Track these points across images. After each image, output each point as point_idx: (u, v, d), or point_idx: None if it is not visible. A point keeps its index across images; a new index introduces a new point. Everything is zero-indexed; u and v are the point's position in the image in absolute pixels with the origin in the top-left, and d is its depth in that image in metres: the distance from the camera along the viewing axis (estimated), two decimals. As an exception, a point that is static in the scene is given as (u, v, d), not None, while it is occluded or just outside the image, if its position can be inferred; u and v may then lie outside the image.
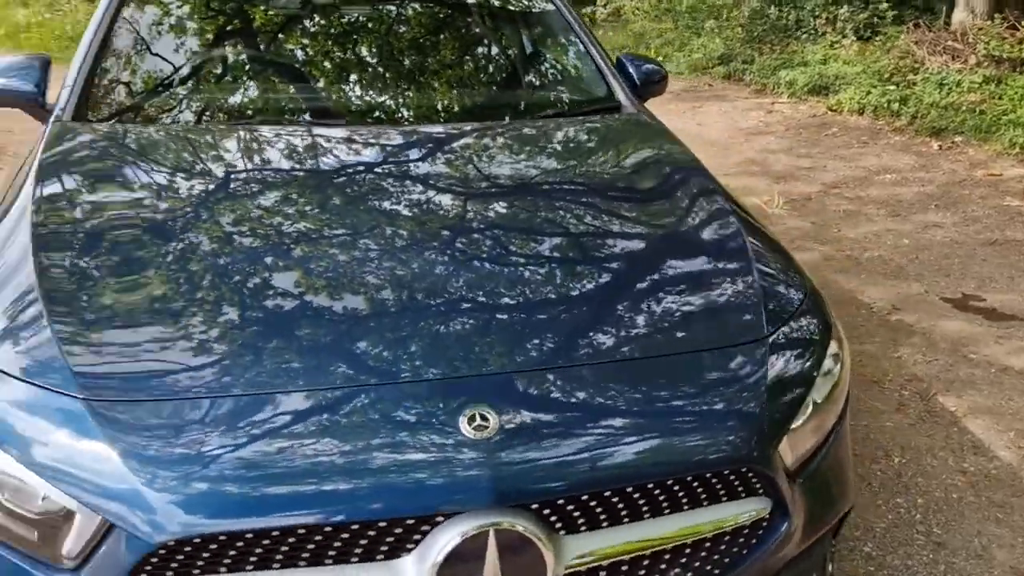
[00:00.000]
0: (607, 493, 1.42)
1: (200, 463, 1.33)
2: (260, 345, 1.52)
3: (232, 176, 2.12)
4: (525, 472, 1.38)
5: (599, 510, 1.43)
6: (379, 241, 1.85)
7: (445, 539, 1.32)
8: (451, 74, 2.83)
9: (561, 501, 1.39)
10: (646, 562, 1.49)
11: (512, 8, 3.26)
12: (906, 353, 3.39)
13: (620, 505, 1.44)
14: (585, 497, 1.41)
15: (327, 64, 2.81)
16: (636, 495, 1.45)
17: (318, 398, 1.43)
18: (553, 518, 1.40)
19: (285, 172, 2.17)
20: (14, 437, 1.39)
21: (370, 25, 2.97)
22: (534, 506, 1.37)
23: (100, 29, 2.55)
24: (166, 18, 2.77)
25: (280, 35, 2.87)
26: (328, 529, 1.31)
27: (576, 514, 1.41)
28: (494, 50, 3.08)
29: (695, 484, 1.49)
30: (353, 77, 2.78)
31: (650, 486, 1.45)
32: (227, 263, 1.74)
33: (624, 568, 1.47)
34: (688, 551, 1.52)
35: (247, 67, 2.77)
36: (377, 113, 2.62)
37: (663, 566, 1.50)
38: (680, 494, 1.48)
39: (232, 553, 1.31)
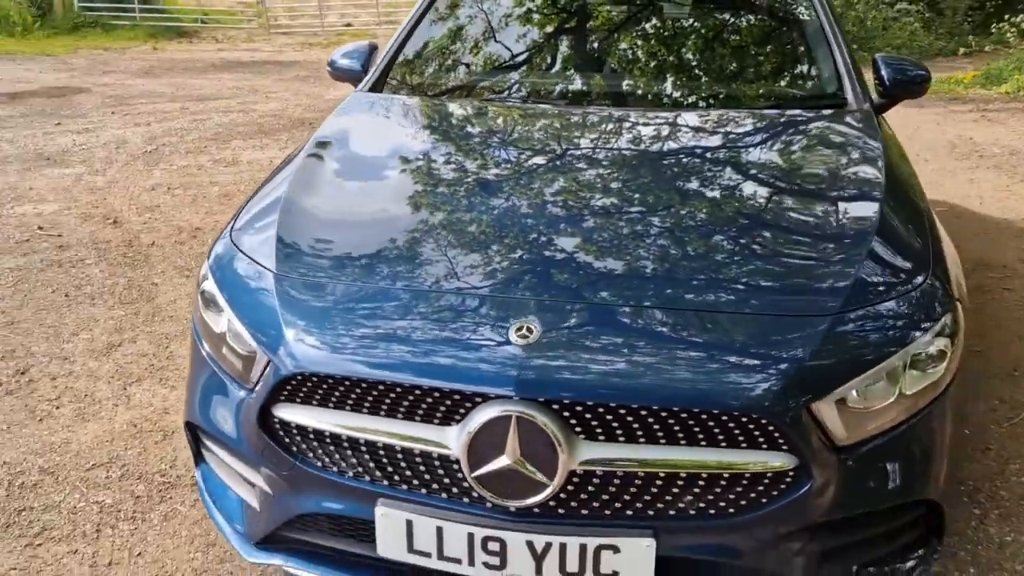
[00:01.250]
0: (623, 411, 1.68)
1: (325, 326, 1.85)
2: (404, 254, 2.02)
3: (466, 138, 2.66)
4: (545, 374, 1.69)
5: (615, 425, 1.69)
6: (563, 186, 2.29)
7: (480, 417, 1.69)
8: (689, 65, 3.09)
9: (580, 408, 1.68)
10: (659, 482, 1.72)
11: (768, 5, 3.41)
12: None
13: (636, 425, 1.69)
14: (602, 410, 1.68)
15: (594, 54, 3.23)
16: (651, 420, 1.68)
17: (421, 296, 1.88)
18: (573, 422, 1.69)
19: (497, 138, 2.65)
20: (238, 297, 2.03)
21: (646, 20, 3.33)
22: (555, 407, 1.68)
23: (411, 21, 3.24)
24: (462, 10, 3.40)
25: (561, 26, 3.35)
26: (399, 390, 1.75)
27: (595, 424, 1.69)
28: (739, 44, 3.26)
29: (711, 423, 1.68)
30: (612, 63, 3.18)
31: (664, 414, 1.67)
32: (420, 201, 2.26)
33: (638, 482, 1.72)
34: (702, 484, 1.71)
35: (518, 55, 3.28)
36: (621, 93, 2.99)
37: (675, 491, 1.72)
38: (695, 428, 1.68)
39: (336, 394, 1.80)
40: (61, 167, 6.14)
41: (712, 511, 1.72)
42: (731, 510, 1.72)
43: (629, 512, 1.73)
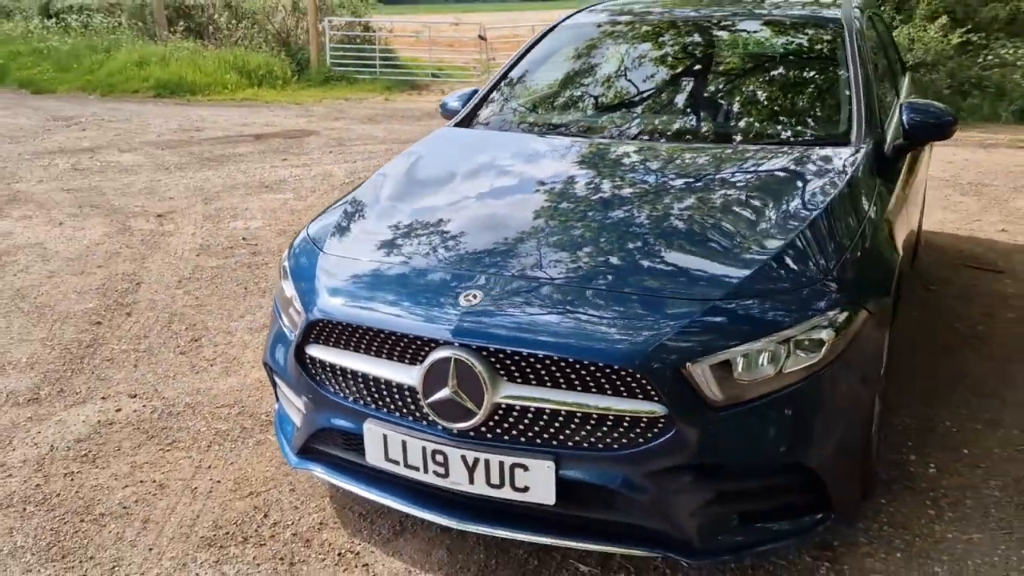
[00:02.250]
0: (533, 359, 2.19)
1: (342, 288, 2.51)
2: (406, 245, 2.65)
3: (492, 164, 3.26)
4: (478, 327, 2.24)
5: (529, 370, 2.20)
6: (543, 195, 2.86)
7: (432, 357, 2.27)
8: (719, 107, 3.53)
9: (502, 355, 2.21)
10: (561, 418, 2.20)
11: (801, 48, 3.75)
12: None
13: (543, 372, 2.19)
14: (518, 357, 2.20)
15: (619, 101, 3.74)
16: (554, 368, 2.18)
17: (410, 273, 2.50)
18: (497, 366, 2.23)
19: (514, 165, 3.22)
20: (298, 268, 2.74)
21: (678, 68, 3.82)
22: (484, 353, 2.23)
23: (501, 72, 3.90)
24: (539, 69, 4.01)
25: (598, 82, 3.89)
26: (382, 335, 2.36)
27: (513, 368, 2.22)
28: (767, 86, 3.63)
29: (598, 373, 2.15)
30: (629, 106, 3.69)
31: (563, 364, 2.17)
32: (430, 208, 2.91)
33: (545, 417, 2.22)
34: (593, 422, 2.19)
35: (569, 102, 3.85)
36: (647, 130, 3.46)
37: (574, 426, 2.20)
38: (587, 377, 2.17)
39: (343, 337, 2.44)
40: (275, 193, 7.35)
41: (600, 445, 2.19)
42: (615, 446, 2.18)
43: (537, 440, 2.23)
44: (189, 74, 15.44)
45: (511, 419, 2.25)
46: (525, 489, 2.25)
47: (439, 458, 2.31)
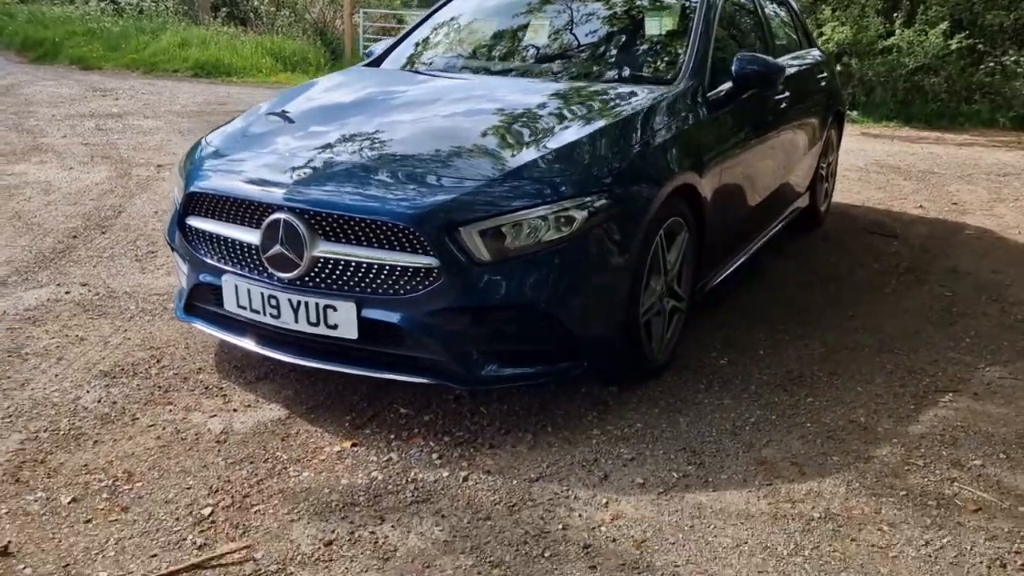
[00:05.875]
0: (342, 220, 2.76)
1: (212, 168, 3.13)
2: (266, 137, 3.27)
3: (368, 91, 3.84)
4: (301, 196, 2.82)
5: (339, 230, 2.77)
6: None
7: (268, 219, 2.85)
8: (586, 49, 4.10)
9: (319, 217, 2.78)
10: (363, 268, 2.77)
11: (664, 14, 4.25)
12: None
13: (349, 231, 2.76)
14: (331, 218, 2.77)
15: (517, 49, 4.30)
16: (358, 228, 2.75)
17: (263, 158, 3.10)
18: (316, 227, 2.80)
19: (386, 95, 3.76)
20: (188, 165, 3.32)
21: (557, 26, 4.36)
22: (306, 216, 2.80)
23: (409, 30, 4.51)
24: (437, 28, 4.60)
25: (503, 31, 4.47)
26: (233, 202, 2.96)
27: (328, 228, 2.79)
28: (629, 40, 4.16)
29: (390, 232, 2.71)
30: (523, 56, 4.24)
31: (364, 223, 2.73)
32: (300, 116, 3.51)
33: (352, 267, 2.78)
34: (386, 272, 2.74)
35: (453, 48, 4.43)
36: (507, 68, 4.04)
37: (371, 275, 2.76)
38: (382, 235, 2.73)
39: (209, 207, 3.05)
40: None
41: (391, 290, 2.75)
42: (401, 291, 2.74)
43: (344, 287, 2.80)
44: (227, 57, 16.25)
45: (326, 270, 2.82)
46: (335, 327, 2.81)
47: (273, 302, 2.89)
